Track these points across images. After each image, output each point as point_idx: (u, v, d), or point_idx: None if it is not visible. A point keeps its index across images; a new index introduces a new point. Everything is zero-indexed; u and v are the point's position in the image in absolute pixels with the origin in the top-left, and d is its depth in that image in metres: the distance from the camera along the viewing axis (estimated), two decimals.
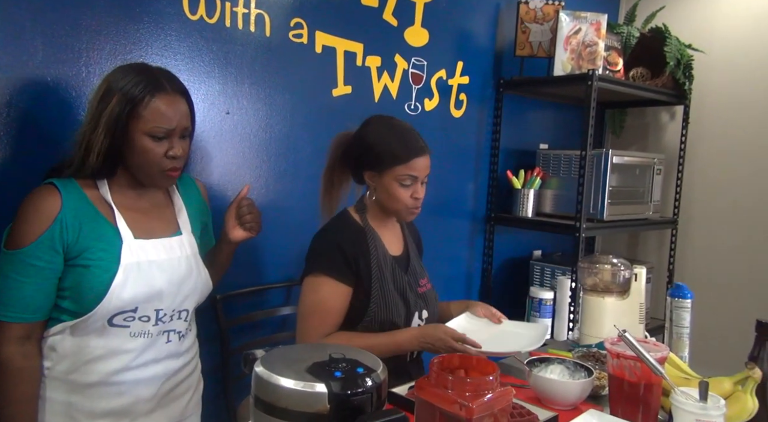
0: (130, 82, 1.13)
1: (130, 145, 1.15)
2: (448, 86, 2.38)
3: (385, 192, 1.42)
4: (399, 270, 1.48)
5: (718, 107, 2.72)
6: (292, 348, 0.88)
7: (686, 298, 1.44)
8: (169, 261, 1.22)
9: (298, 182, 1.95)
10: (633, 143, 3.06)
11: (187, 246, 1.27)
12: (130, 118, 1.13)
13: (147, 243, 1.19)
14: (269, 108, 1.85)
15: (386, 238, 1.50)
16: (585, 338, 1.54)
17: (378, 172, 1.42)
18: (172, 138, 1.18)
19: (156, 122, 1.14)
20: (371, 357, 0.84)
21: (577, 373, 1.21)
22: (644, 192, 2.68)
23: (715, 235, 2.74)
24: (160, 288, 1.18)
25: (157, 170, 1.18)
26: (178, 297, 1.23)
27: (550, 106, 2.83)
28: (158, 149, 1.16)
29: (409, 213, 1.45)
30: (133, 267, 1.15)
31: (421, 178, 1.43)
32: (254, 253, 1.86)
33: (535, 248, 2.86)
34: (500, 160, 2.60)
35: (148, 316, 1.19)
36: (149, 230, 1.22)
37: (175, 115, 1.17)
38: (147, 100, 1.13)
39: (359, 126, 1.49)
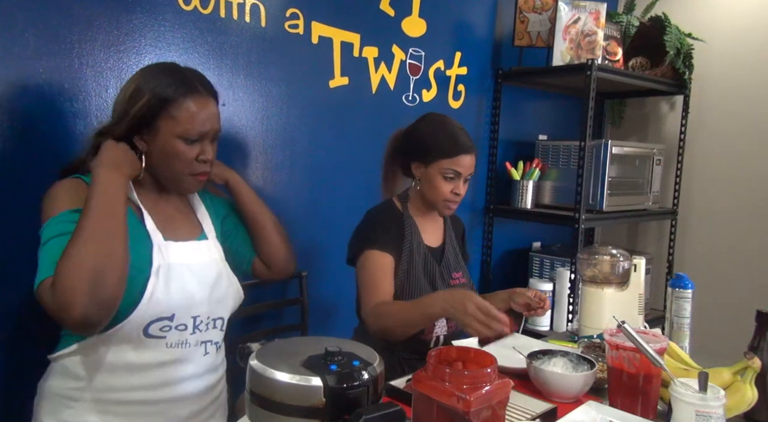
0: (162, 83, 1.10)
1: (160, 148, 1.11)
2: (446, 77, 2.36)
3: (429, 183, 1.48)
4: (432, 259, 1.53)
5: (718, 97, 2.70)
6: (288, 341, 0.87)
7: (687, 289, 1.43)
8: (200, 265, 1.16)
9: (295, 174, 1.94)
10: (632, 134, 3.04)
11: (214, 250, 1.23)
12: (160, 120, 1.09)
13: (176, 245, 1.14)
14: (265, 99, 1.83)
15: (424, 228, 1.55)
16: (584, 329, 1.53)
17: (425, 163, 1.48)
18: (204, 141, 1.14)
19: (189, 124, 1.10)
20: (368, 350, 0.83)
21: (580, 366, 1.21)
22: (644, 183, 2.67)
23: (714, 226, 2.73)
24: (194, 292, 1.13)
25: (187, 174, 1.14)
26: (212, 303, 1.17)
27: (549, 96, 2.81)
28: (190, 153, 1.12)
29: (445, 207, 1.50)
30: (166, 269, 1.09)
31: (464, 175, 1.48)
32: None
33: (534, 240, 2.85)
34: (499, 151, 2.59)
35: (185, 324, 1.12)
36: (176, 232, 1.17)
37: (209, 117, 1.14)
38: (180, 102, 1.10)
39: (414, 121, 1.56)
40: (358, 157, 2.06)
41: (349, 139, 2.05)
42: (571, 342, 1.50)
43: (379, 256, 1.46)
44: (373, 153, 2.08)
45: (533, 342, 1.46)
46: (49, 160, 1.34)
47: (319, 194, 1.99)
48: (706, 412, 0.94)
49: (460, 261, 1.64)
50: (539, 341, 1.48)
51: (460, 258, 1.64)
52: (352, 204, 2.06)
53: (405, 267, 1.48)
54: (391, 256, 1.47)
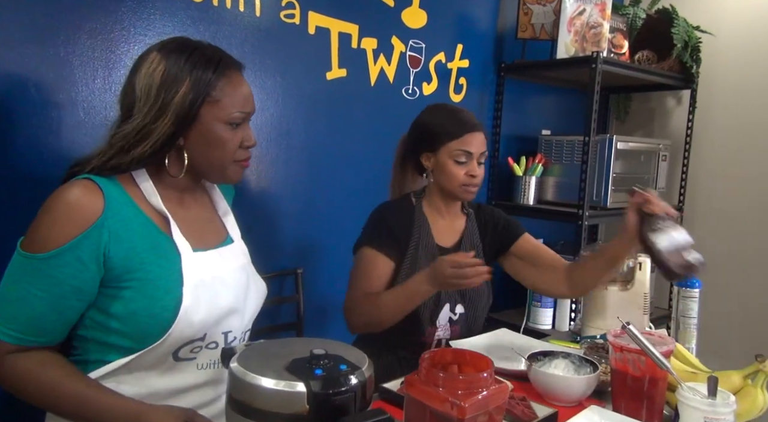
0: (198, 63, 0.97)
1: (201, 138, 0.98)
2: (447, 70, 2.31)
3: (441, 171, 1.43)
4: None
5: (726, 91, 2.64)
6: (273, 342, 0.83)
7: (694, 288, 1.38)
8: (231, 274, 1.05)
9: (291, 169, 1.89)
10: (638, 129, 2.98)
11: (241, 254, 1.12)
12: (203, 106, 0.97)
13: (205, 255, 1.02)
14: (260, 92, 1.78)
15: (438, 226, 1.49)
16: (587, 330, 1.49)
17: (433, 151, 1.43)
18: (245, 124, 1.05)
19: (236, 107, 0.99)
20: (357, 353, 0.78)
21: (583, 368, 1.16)
22: (649, 179, 2.61)
23: (721, 224, 2.67)
24: (229, 306, 1.02)
25: (231, 162, 1.02)
26: (246, 315, 1.08)
27: (552, 90, 2.75)
28: (235, 138, 1.01)
29: (464, 191, 1.43)
30: (199, 285, 0.98)
31: (476, 155, 1.42)
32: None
33: (537, 237, 2.78)
34: (501, 146, 2.54)
35: (216, 342, 1.02)
36: (204, 240, 1.05)
37: (249, 96, 1.03)
38: (222, 83, 0.98)
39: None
40: (356, 152, 2.01)
41: (347, 133, 2.00)
42: (574, 342, 1.45)
43: (374, 256, 1.41)
44: (371, 147, 2.04)
45: (533, 342, 1.41)
46: (32, 153, 1.30)
47: (316, 189, 1.95)
48: (715, 419, 0.89)
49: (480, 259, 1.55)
50: (540, 341, 1.43)
51: (480, 256, 1.52)
52: (350, 199, 2.01)
53: (407, 266, 1.42)
54: (387, 258, 1.41)
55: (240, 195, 1.77)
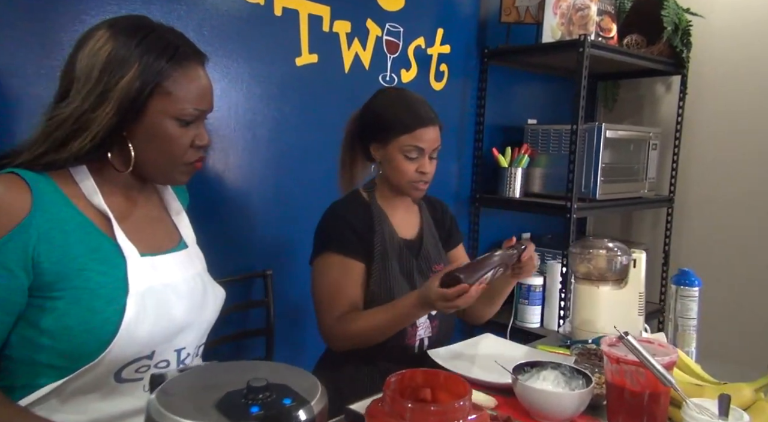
0: (150, 47, 0.86)
1: (147, 132, 0.88)
2: (427, 56, 2.18)
3: (390, 165, 1.33)
4: (408, 253, 1.36)
5: (717, 76, 2.53)
6: (209, 368, 0.69)
7: (693, 286, 1.27)
8: (185, 281, 0.95)
9: (258, 162, 1.75)
10: (626, 117, 2.88)
11: (196, 260, 1.02)
12: (153, 97, 0.86)
13: (156, 260, 0.92)
14: (223, 79, 1.64)
15: (396, 219, 1.38)
16: (578, 333, 1.37)
17: (383, 143, 1.33)
18: (199, 122, 0.93)
19: (190, 102, 0.89)
20: (308, 380, 0.65)
21: (574, 380, 1.04)
22: (639, 169, 2.50)
23: (714, 214, 2.57)
24: (182, 319, 0.91)
25: (180, 163, 0.92)
26: (201, 328, 0.97)
27: (538, 78, 2.63)
28: (185, 136, 0.91)
29: (413, 188, 1.34)
30: (147, 294, 0.87)
31: (429, 151, 1.32)
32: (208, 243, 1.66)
33: (524, 230, 2.68)
34: (485, 136, 2.41)
35: (168, 360, 0.91)
36: (154, 243, 0.95)
37: (207, 92, 0.92)
38: (179, 75, 0.88)
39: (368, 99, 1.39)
40: (329, 143, 1.85)
41: (319, 122, 1.86)
42: (564, 347, 1.33)
43: (343, 262, 1.29)
44: None
45: (520, 349, 1.30)
46: None
47: (286, 184, 1.81)
48: None
49: (441, 251, 1.47)
50: (527, 348, 1.32)
51: (441, 248, 1.47)
52: (322, 195, 1.86)
53: (379, 265, 1.32)
54: (359, 263, 1.30)
55: (202, 191, 1.64)
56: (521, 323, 2.31)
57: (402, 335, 1.29)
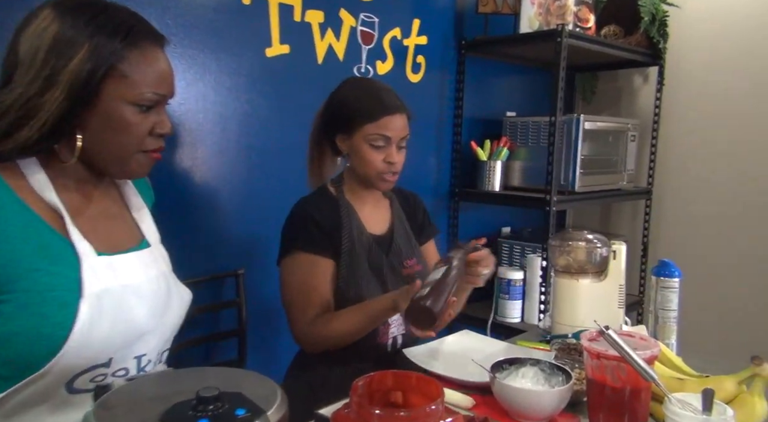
0: (101, 27, 0.80)
1: (102, 119, 0.82)
2: (403, 47, 2.13)
3: (357, 155, 1.29)
4: (378, 249, 1.32)
5: (694, 67, 2.53)
6: (159, 377, 0.64)
7: (674, 277, 1.25)
8: (148, 283, 0.89)
9: (228, 158, 1.69)
10: (605, 109, 2.86)
11: (160, 260, 0.96)
12: (106, 81, 0.80)
13: (114, 260, 0.85)
14: (189, 71, 1.57)
15: (366, 214, 1.34)
16: (557, 327, 1.34)
17: (348, 133, 1.29)
18: (159, 108, 0.87)
19: (148, 86, 0.83)
20: (266, 386, 0.60)
21: (554, 377, 1.00)
22: (618, 160, 2.49)
23: (692, 205, 2.57)
24: (143, 323, 0.85)
25: (137, 151, 0.86)
26: (164, 333, 0.90)
27: (517, 69, 2.60)
28: (144, 123, 0.85)
29: (380, 179, 1.29)
30: (103, 297, 0.81)
31: (396, 140, 1.28)
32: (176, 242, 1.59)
33: (504, 224, 2.66)
34: (464, 129, 2.37)
35: (127, 369, 0.85)
36: (113, 241, 0.88)
37: (167, 75, 0.87)
38: (135, 56, 0.82)
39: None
40: (303, 137, 1.79)
41: (292, 116, 1.80)
42: (544, 342, 1.30)
43: (311, 260, 1.25)
44: None
45: (499, 345, 1.26)
46: None
47: (257, 179, 1.75)
48: None
49: (414, 245, 1.43)
50: (506, 344, 1.28)
51: (413, 243, 1.43)
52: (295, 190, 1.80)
53: (347, 262, 1.27)
54: (328, 260, 1.26)
55: (170, 188, 1.58)
56: (502, 318, 2.28)
57: (374, 334, 1.25)
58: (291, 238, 1.28)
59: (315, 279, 1.25)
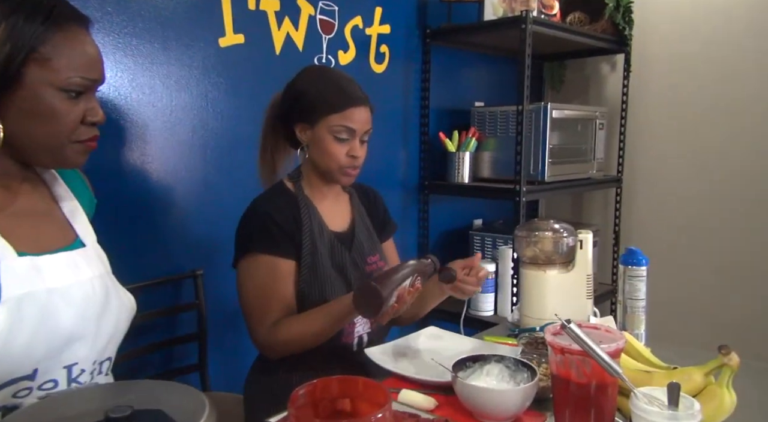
0: (20, 9, 0.75)
1: (27, 106, 0.76)
2: (365, 36, 2.07)
3: (318, 147, 1.23)
4: (340, 247, 1.27)
5: (660, 54, 2.52)
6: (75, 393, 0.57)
7: (641, 266, 1.22)
8: (79, 285, 0.82)
9: (181, 154, 1.61)
10: (574, 98, 2.84)
11: (96, 261, 0.88)
12: (28, 65, 0.75)
13: (39, 260, 0.79)
14: (133, 62, 1.49)
15: (325, 210, 1.28)
16: (526, 320, 1.30)
17: (310, 123, 1.23)
18: (90, 94, 0.81)
19: (75, 70, 0.77)
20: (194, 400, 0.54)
21: (519, 374, 0.96)
22: (587, 149, 2.47)
23: (662, 193, 2.57)
24: (71, 330, 0.78)
25: (69, 141, 0.80)
26: (98, 342, 0.83)
27: (484, 59, 2.56)
28: (75, 111, 0.79)
29: (343, 173, 1.24)
30: (23, 301, 0.74)
31: (360, 134, 1.23)
32: (129, 243, 1.51)
33: (476, 217, 2.62)
34: (431, 120, 2.33)
35: (56, 380, 0.77)
36: (38, 241, 0.82)
37: (96, 59, 0.81)
38: (58, 39, 0.76)
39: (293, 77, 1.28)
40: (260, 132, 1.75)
41: (249, 109, 1.73)
42: (512, 336, 1.26)
43: (271, 262, 1.19)
44: None
45: (464, 341, 1.22)
46: None
47: (213, 176, 1.67)
48: None
49: (376, 241, 1.38)
50: (473, 339, 1.24)
51: (375, 239, 1.38)
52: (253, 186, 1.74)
53: (308, 262, 1.21)
54: (289, 261, 1.20)
55: (120, 186, 1.49)
56: (475, 312, 2.25)
57: (338, 334, 1.20)
58: (248, 239, 1.22)
59: (276, 282, 1.19)
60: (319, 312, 1.17)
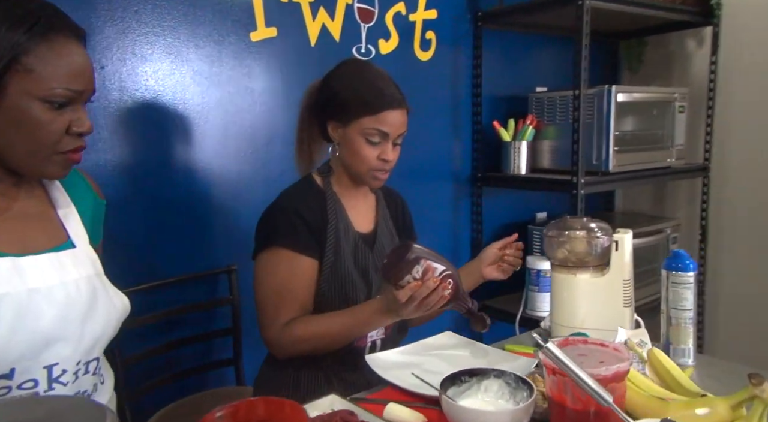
0: (4, 19, 0.76)
1: (10, 115, 0.78)
2: (409, 23, 1.98)
3: (349, 148, 1.19)
4: (364, 247, 1.23)
5: (753, 26, 2.19)
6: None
7: (688, 271, 1.05)
8: (62, 286, 0.83)
9: (216, 151, 1.63)
10: (655, 79, 2.56)
11: (86, 263, 0.89)
12: (9, 75, 0.76)
13: (22, 261, 0.81)
14: (164, 60, 1.52)
15: (352, 209, 1.25)
16: (556, 328, 1.18)
17: (343, 123, 1.18)
18: (76, 105, 0.82)
19: (58, 81, 0.78)
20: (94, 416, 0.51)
21: (520, 392, 0.86)
22: (664, 135, 2.22)
23: (756, 184, 2.24)
24: (49, 330, 0.80)
25: (52, 152, 0.81)
26: (82, 343, 0.84)
27: (543, 40, 2.37)
28: (58, 122, 0.80)
29: (372, 177, 1.20)
30: (1, 301, 0.76)
31: (393, 137, 1.18)
32: (167, 238, 1.56)
33: (538, 210, 2.46)
34: (484, 109, 2.20)
35: (36, 380, 0.79)
36: (22, 241, 0.84)
37: (82, 70, 0.81)
38: (43, 50, 0.77)
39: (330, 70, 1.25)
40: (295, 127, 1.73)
41: (283, 103, 1.71)
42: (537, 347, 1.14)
43: (293, 258, 1.15)
44: None
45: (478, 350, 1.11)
46: None
47: (249, 172, 1.68)
48: None
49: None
50: (489, 348, 1.13)
51: (396, 243, 1.31)
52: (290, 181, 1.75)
53: (330, 260, 1.18)
54: (311, 259, 1.16)
55: (157, 184, 1.54)
56: (531, 312, 2.10)
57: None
58: (272, 233, 1.19)
59: (294, 279, 1.16)
60: (339, 314, 1.14)
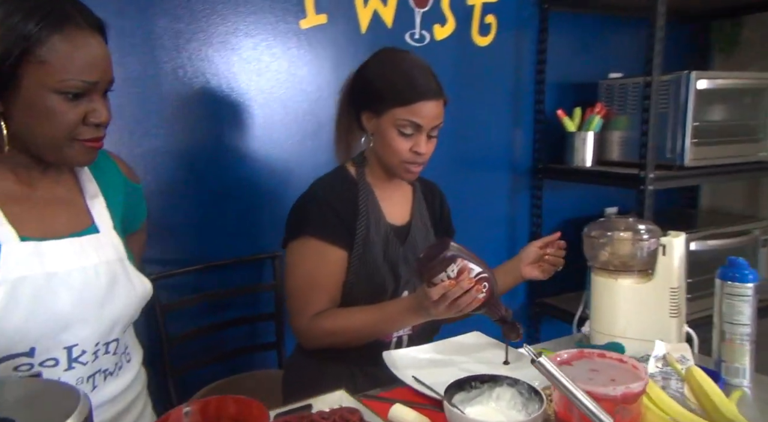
0: (16, 10, 0.77)
1: (26, 106, 0.80)
2: (467, 7, 1.90)
3: (382, 139, 1.16)
4: (395, 240, 1.21)
5: None
6: None
7: (746, 282, 0.92)
8: (81, 271, 0.85)
9: (264, 136, 1.65)
10: (752, 63, 2.30)
11: (108, 248, 0.91)
12: (23, 66, 0.77)
13: (42, 246, 0.83)
14: (215, 48, 1.55)
15: (386, 201, 1.23)
16: (595, 336, 1.09)
17: (376, 113, 1.16)
18: (93, 95, 0.83)
19: (72, 73, 0.79)
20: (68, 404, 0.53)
21: (532, 403, 0.80)
22: (756, 126, 1.99)
23: None
24: (67, 313, 0.83)
25: (68, 140, 0.83)
26: (101, 325, 0.87)
27: (618, 22, 2.19)
28: (73, 112, 0.81)
29: (405, 170, 1.17)
30: (19, 285, 0.79)
31: (427, 129, 1.14)
32: (215, 223, 1.61)
33: (607, 204, 2.30)
34: (547, 97, 2.08)
35: (57, 359, 0.83)
36: (46, 226, 0.86)
37: (97, 61, 0.82)
38: (56, 41, 0.78)
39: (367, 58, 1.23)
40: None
41: (333, 91, 1.69)
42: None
43: (322, 248, 1.15)
44: None
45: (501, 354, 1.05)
46: None
47: (295, 160, 1.69)
48: None
49: (431, 240, 1.26)
50: (515, 351, 1.07)
51: (431, 238, 1.27)
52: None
53: (359, 251, 1.16)
54: (340, 250, 1.15)
55: (210, 171, 1.59)
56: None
57: None
58: (303, 222, 1.19)
59: (323, 270, 1.15)
60: (368, 310, 1.13)
